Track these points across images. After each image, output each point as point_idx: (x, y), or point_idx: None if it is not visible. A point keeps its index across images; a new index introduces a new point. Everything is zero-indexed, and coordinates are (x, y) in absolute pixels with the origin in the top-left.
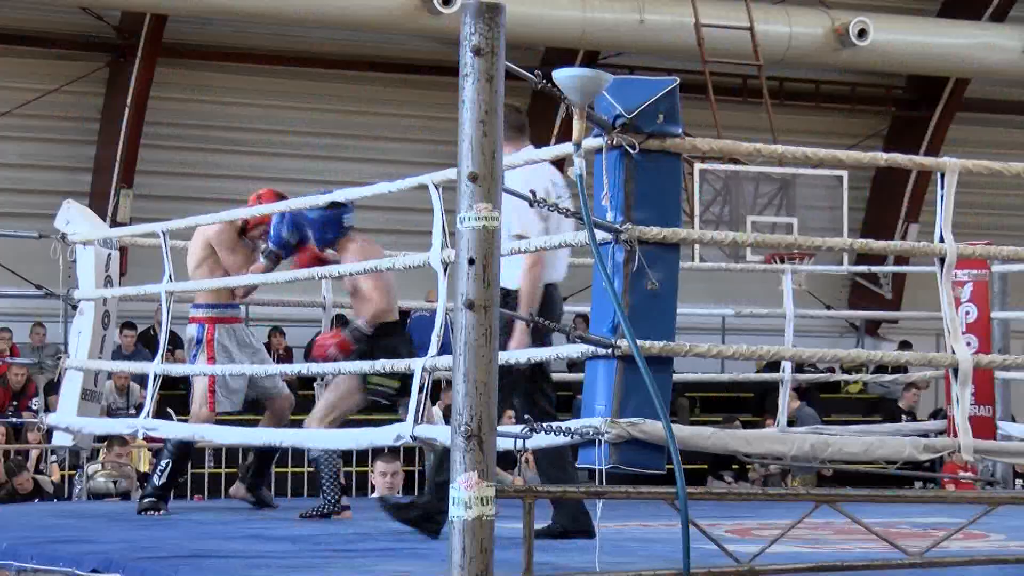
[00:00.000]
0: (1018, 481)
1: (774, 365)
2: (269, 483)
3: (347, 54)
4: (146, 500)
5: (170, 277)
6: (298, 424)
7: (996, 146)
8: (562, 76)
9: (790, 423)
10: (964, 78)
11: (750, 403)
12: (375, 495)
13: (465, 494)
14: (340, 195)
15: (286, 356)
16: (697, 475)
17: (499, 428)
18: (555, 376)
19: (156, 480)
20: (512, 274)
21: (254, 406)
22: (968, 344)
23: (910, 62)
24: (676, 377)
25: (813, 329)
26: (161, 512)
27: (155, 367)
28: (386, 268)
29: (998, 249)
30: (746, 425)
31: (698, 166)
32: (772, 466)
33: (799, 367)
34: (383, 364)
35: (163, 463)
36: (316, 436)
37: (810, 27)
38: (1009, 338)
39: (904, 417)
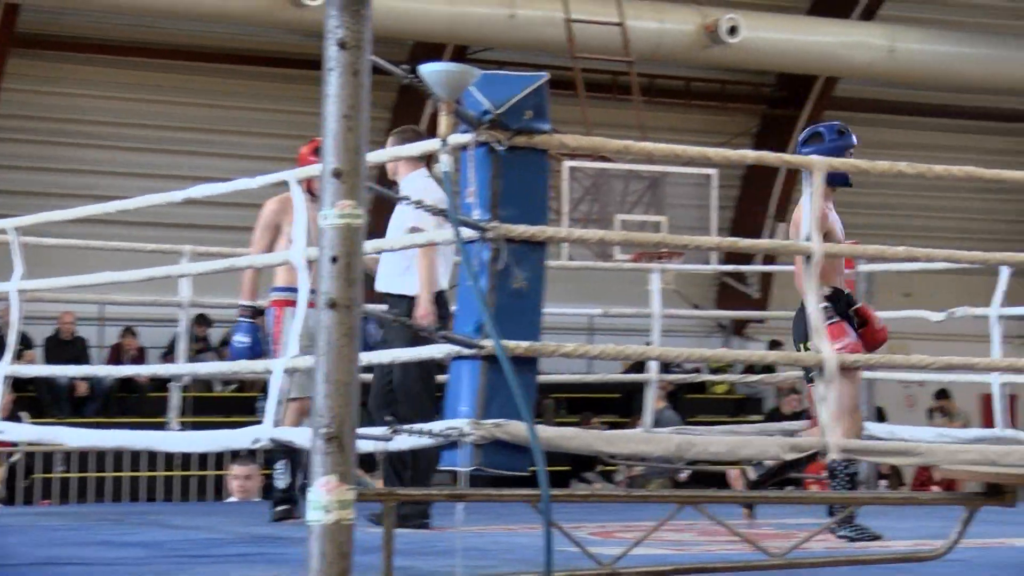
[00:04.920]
0: (882, 482)
1: (641, 365)
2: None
3: (208, 46)
4: (278, 509)
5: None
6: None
7: (863, 145)
8: (429, 71)
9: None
10: (833, 76)
11: (616, 404)
12: (232, 499)
13: (325, 497)
14: (200, 191)
15: (139, 357)
16: (560, 477)
17: (360, 430)
18: None
19: (280, 484)
20: (407, 281)
21: (105, 410)
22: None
23: (780, 60)
24: (542, 378)
25: (681, 329)
26: (296, 519)
27: (4, 368)
28: (246, 266)
29: (863, 248)
30: (613, 426)
31: (567, 163)
32: (636, 467)
33: (666, 367)
34: (241, 365)
35: (279, 466)
36: (172, 439)
37: (681, 23)
38: None
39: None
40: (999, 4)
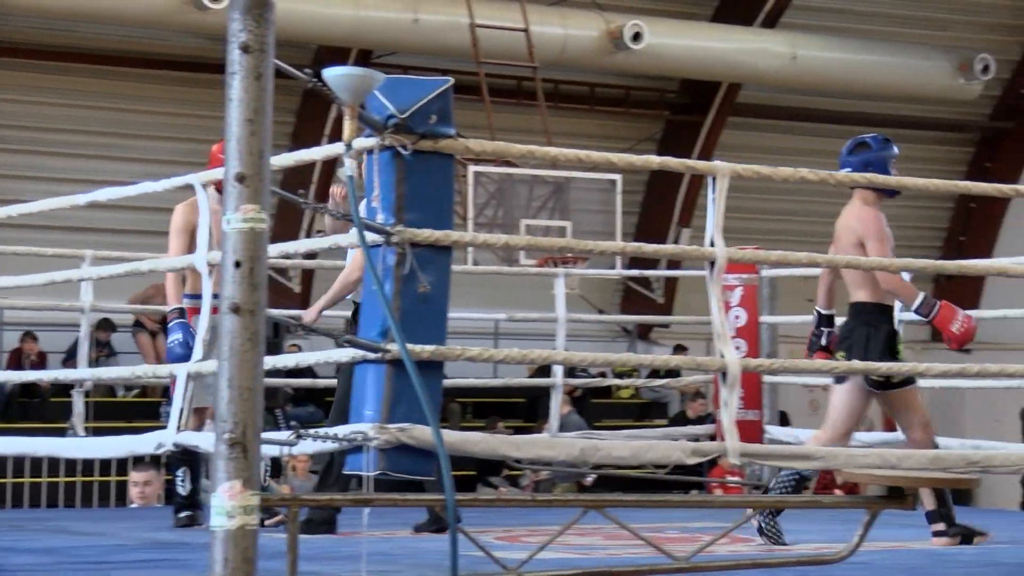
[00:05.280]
0: None
1: (547, 369)
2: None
3: (113, 50)
4: (181, 516)
5: None
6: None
7: (766, 151)
8: (333, 75)
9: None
10: (736, 83)
11: (522, 408)
12: (134, 505)
13: (228, 503)
14: (104, 194)
15: (39, 362)
16: (466, 481)
17: (264, 435)
18: None
19: (181, 491)
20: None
21: (5, 415)
22: (737, 348)
23: (683, 66)
24: (447, 382)
25: (586, 333)
26: (201, 525)
27: None
28: (148, 270)
29: (767, 254)
30: (519, 430)
31: (472, 168)
32: (542, 472)
33: (571, 371)
34: (143, 370)
35: (179, 473)
36: (75, 445)
37: (585, 29)
38: (777, 342)
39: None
40: (900, 13)
